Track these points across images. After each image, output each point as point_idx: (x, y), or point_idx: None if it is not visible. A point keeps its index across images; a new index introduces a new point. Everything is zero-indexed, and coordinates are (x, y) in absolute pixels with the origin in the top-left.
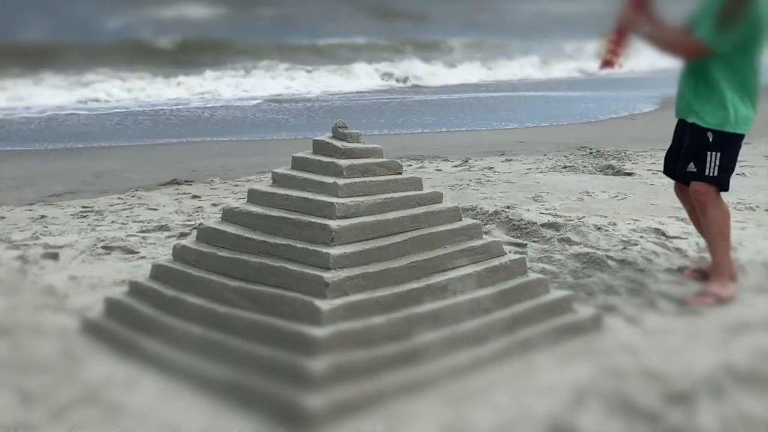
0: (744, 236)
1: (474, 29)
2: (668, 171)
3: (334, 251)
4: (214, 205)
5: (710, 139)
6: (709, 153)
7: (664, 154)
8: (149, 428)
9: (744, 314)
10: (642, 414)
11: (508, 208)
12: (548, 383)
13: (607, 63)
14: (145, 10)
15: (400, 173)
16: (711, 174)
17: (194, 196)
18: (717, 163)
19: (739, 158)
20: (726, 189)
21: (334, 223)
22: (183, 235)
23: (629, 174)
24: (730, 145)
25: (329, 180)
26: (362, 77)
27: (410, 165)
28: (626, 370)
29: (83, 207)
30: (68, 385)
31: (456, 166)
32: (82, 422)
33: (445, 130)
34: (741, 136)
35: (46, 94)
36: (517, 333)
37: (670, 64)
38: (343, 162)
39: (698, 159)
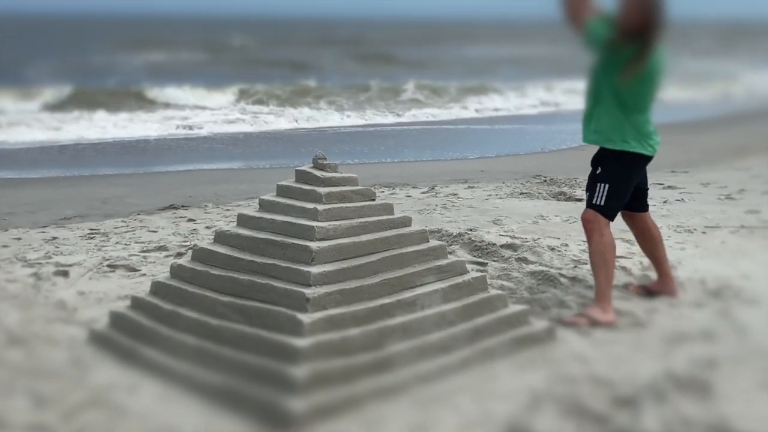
0: (683, 256)
1: (434, 72)
2: None
3: (315, 270)
4: (207, 227)
5: (598, 172)
6: (598, 184)
7: None
8: (150, 429)
9: (683, 326)
10: (591, 416)
11: (471, 230)
12: (507, 389)
13: None
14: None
15: (374, 199)
16: (597, 203)
17: (190, 220)
18: (605, 193)
19: (678, 185)
20: (611, 219)
21: (314, 245)
22: (179, 255)
23: (579, 200)
24: (617, 178)
25: (310, 206)
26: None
27: (383, 192)
28: (577, 377)
29: (91, 229)
30: (77, 390)
31: (424, 193)
32: (90, 423)
33: (414, 160)
34: (630, 170)
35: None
36: (479, 343)
37: None
38: (322, 189)
39: (590, 188)
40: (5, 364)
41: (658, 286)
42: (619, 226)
